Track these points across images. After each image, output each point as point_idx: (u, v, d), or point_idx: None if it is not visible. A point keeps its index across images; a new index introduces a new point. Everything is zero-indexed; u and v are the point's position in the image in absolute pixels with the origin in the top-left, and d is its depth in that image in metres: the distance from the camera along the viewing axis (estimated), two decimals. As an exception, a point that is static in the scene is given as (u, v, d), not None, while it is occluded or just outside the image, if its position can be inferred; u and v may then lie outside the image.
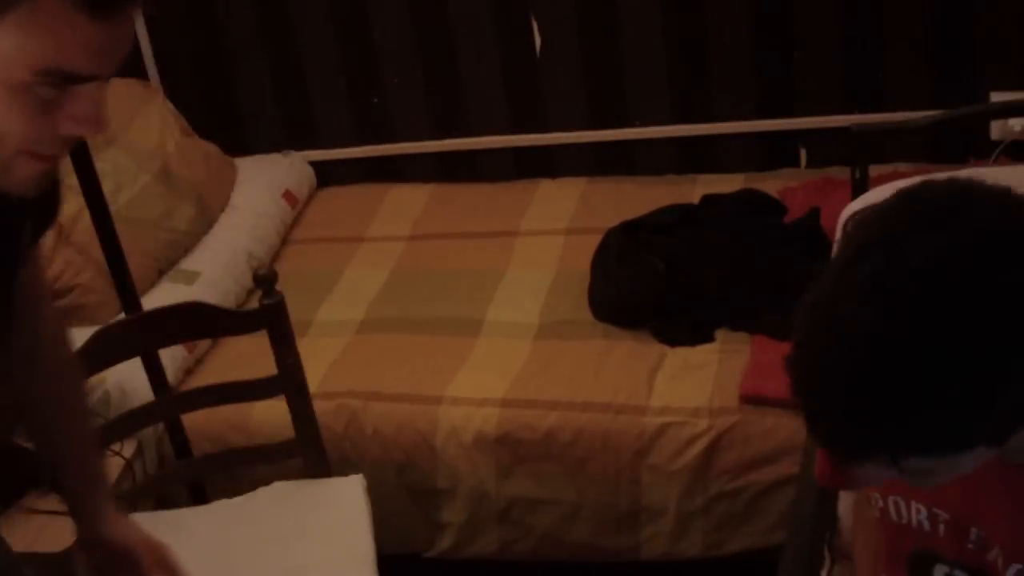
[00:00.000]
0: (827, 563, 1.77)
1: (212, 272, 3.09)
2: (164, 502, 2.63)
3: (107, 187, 2.91)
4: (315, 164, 3.68)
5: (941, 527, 1.34)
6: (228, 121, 3.69)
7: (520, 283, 3.05)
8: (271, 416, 2.62)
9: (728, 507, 2.52)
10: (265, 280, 2.31)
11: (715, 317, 2.78)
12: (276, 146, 3.68)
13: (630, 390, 2.61)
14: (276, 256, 3.34)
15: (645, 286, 2.84)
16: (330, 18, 3.52)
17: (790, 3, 3.24)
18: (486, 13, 3.43)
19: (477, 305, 2.95)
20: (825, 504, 1.72)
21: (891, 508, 1.38)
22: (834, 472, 1.23)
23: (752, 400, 2.52)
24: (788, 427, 2.45)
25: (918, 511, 1.35)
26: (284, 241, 3.42)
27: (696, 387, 2.59)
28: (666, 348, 2.73)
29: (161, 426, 2.63)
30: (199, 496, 2.64)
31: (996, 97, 3.13)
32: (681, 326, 2.76)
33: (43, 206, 1.36)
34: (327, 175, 3.71)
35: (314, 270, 3.23)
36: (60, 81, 1.10)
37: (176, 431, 2.61)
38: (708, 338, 2.74)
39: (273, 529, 2.31)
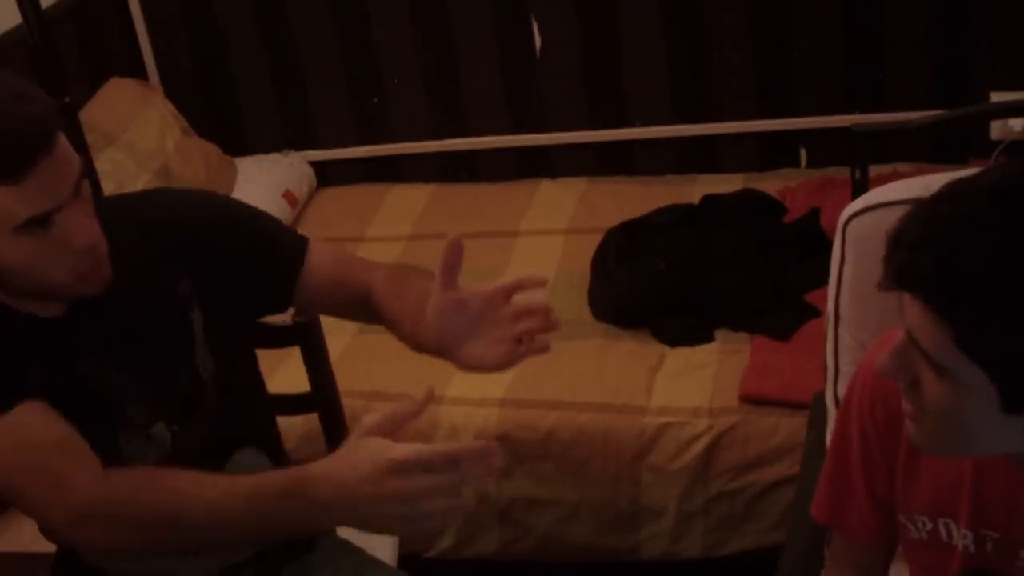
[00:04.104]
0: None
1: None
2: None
3: (107, 187, 2.92)
4: (315, 164, 3.68)
5: (989, 545, 1.36)
6: (228, 121, 3.70)
7: (520, 283, 3.04)
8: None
9: (728, 507, 2.52)
10: None
11: (715, 317, 2.78)
12: (276, 146, 3.68)
13: (630, 390, 2.61)
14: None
15: (645, 286, 2.84)
16: (330, 18, 3.52)
17: (790, 3, 3.24)
18: (486, 13, 3.43)
19: (477, 305, 2.94)
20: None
21: (941, 530, 1.39)
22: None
23: (752, 400, 2.52)
24: (788, 427, 2.45)
25: (964, 535, 1.37)
26: (284, 241, 3.41)
27: (696, 387, 2.59)
28: (666, 348, 2.73)
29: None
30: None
31: (996, 97, 3.13)
32: (681, 326, 2.76)
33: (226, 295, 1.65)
34: (327, 175, 3.71)
35: (314, 270, 3.22)
36: (36, 224, 1.35)
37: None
38: (708, 338, 2.74)
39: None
